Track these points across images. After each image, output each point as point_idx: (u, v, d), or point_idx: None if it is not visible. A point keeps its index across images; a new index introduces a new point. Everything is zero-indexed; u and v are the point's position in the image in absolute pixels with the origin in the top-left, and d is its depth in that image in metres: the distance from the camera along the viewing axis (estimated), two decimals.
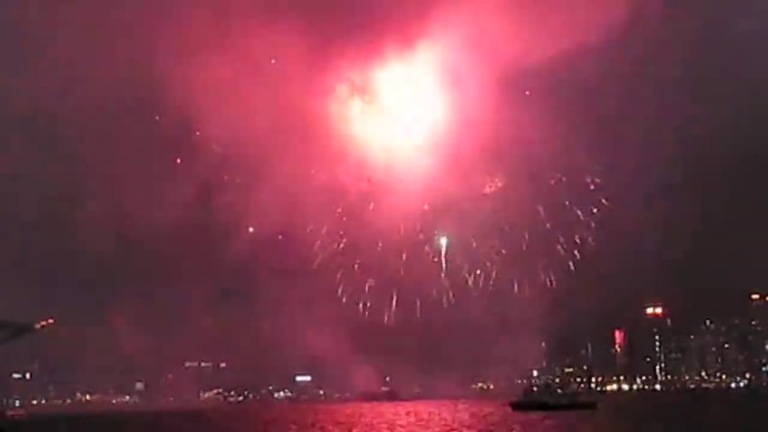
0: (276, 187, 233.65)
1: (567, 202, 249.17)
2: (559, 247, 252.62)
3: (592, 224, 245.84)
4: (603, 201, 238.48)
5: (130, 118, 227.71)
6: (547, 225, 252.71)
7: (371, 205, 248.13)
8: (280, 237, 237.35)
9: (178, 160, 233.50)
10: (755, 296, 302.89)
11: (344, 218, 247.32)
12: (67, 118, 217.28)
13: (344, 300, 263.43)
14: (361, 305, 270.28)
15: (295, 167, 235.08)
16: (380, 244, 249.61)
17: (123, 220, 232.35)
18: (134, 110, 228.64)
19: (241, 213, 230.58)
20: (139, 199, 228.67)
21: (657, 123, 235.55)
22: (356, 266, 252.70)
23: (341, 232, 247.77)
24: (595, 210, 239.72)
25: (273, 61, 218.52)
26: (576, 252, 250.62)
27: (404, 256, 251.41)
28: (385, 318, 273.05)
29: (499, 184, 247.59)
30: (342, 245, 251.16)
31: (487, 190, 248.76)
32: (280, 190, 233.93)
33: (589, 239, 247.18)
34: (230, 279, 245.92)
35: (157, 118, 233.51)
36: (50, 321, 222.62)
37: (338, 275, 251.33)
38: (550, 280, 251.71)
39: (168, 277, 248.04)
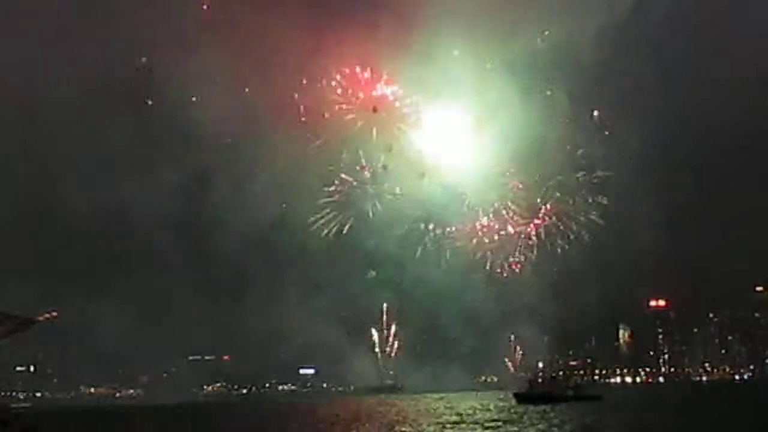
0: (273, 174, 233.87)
1: (572, 198, 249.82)
2: (563, 240, 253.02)
3: (598, 219, 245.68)
4: (608, 196, 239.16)
5: (120, 101, 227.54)
6: (552, 218, 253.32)
7: (371, 193, 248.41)
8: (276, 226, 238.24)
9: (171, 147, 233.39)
10: (759, 288, 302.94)
11: (343, 207, 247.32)
12: (53, 102, 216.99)
13: (347, 291, 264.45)
14: (364, 297, 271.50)
15: (292, 154, 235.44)
16: (382, 234, 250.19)
17: (116, 209, 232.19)
18: (124, 93, 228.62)
19: (235, 204, 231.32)
20: (132, 187, 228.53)
21: (660, 116, 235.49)
22: (358, 257, 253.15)
23: (341, 222, 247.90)
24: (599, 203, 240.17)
25: None
26: (580, 245, 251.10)
27: (407, 247, 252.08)
28: (389, 310, 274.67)
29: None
30: (343, 235, 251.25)
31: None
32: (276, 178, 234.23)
33: (593, 234, 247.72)
34: (230, 270, 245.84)
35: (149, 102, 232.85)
36: (54, 314, 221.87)
37: (340, 266, 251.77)
38: (555, 273, 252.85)
39: (164, 268, 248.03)
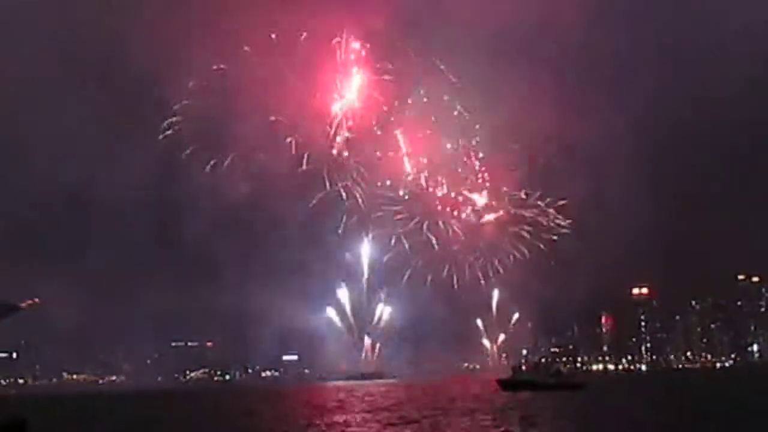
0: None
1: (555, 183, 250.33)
2: (546, 226, 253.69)
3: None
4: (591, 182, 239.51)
5: (87, 75, 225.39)
6: (536, 204, 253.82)
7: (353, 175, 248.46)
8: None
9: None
10: (741, 277, 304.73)
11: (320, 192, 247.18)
12: (14, 80, 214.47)
13: (329, 278, 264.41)
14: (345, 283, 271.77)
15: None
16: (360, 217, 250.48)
17: (90, 194, 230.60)
18: (92, 68, 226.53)
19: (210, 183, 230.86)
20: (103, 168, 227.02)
21: (645, 103, 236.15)
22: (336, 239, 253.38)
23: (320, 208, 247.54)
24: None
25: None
26: (562, 232, 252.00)
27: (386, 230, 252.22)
28: (372, 295, 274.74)
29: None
30: (318, 217, 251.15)
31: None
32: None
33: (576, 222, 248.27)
34: (207, 253, 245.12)
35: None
36: (36, 300, 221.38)
37: (317, 249, 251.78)
38: (539, 261, 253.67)
39: (142, 252, 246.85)
